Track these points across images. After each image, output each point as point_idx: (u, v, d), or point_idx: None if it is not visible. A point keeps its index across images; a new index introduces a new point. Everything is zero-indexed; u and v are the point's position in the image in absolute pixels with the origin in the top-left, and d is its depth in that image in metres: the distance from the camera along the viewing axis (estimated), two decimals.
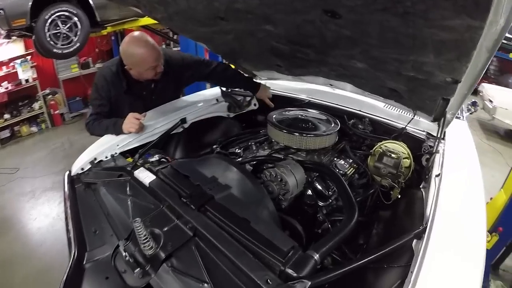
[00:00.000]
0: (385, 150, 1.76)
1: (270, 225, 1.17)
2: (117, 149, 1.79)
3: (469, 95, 1.35)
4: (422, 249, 1.02)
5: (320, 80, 2.12)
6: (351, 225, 1.19)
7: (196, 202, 1.21)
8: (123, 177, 1.51)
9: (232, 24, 1.47)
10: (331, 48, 1.41)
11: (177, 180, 1.37)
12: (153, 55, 1.85)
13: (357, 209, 1.29)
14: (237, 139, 2.21)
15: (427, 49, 1.02)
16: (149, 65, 1.86)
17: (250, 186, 1.33)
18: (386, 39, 1.07)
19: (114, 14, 4.68)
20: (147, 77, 1.96)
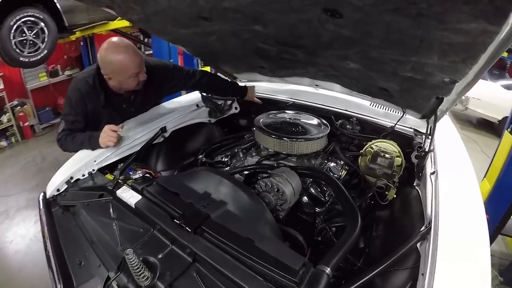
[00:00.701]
0: (378, 150, 1.74)
1: (276, 242, 1.09)
2: (94, 165, 1.63)
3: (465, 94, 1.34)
4: (431, 250, 0.99)
5: (306, 81, 2.07)
6: (356, 232, 1.15)
7: (191, 223, 1.09)
8: (104, 198, 1.36)
9: (216, 25, 1.36)
10: (323, 49, 1.35)
11: (166, 198, 1.24)
12: (135, 61, 1.69)
13: (359, 214, 1.25)
14: (221, 146, 2.12)
15: (433, 51, 0.99)
16: (131, 72, 1.70)
17: (247, 199, 1.24)
18: (390, 40, 1.03)
19: (82, 18, 4.45)
20: (129, 87, 1.79)
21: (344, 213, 1.40)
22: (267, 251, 0.97)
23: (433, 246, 1.00)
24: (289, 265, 0.92)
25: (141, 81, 1.78)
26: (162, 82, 2.01)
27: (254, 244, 1.00)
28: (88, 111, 1.80)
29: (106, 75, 1.73)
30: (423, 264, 1.01)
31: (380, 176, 1.67)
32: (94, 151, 1.66)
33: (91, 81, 1.77)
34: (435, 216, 1.13)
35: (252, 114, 2.58)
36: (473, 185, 1.39)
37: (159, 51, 4.27)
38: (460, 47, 0.91)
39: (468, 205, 1.24)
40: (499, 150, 2.69)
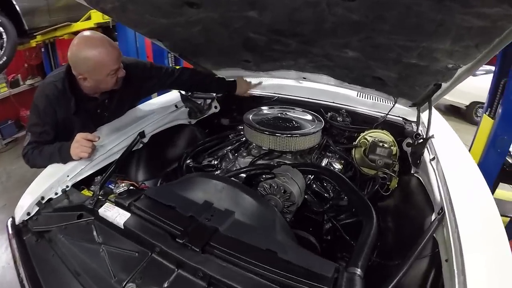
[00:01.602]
0: (376, 140, 1.70)
1: (300, 250, 0.99)
2: (68, 181, 1.41)
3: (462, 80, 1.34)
4: (451, 235, 0.97)
5: (292, 74, 1.99)
6: (374, 226, 1.11)
7: (197, 241, 0.95)
8: (84, 219, 1.17)
9: (204, 12, 1.23)
10: (323, 37, 1.27)
11: (162, 214, 1.09)
12: (113, 55, 1.50)
13: (372, 208, 1.21)
14: (206, 148, 1.99)
15: (448, 35, 0.97)
16: (110, 68, 1.50)
17: (256, 205, 1.12)
18: (404, 25, 0.98)
19: (44, 21, 4.14)
20: (107, 86, 1.59)
21: (356, 209, 1.34)
22: (293, 261, 0.88)
23: (452, 231, 0.98)
24: (322, 273, 0.85)
25: (119, 78, 1.59)
26: (140, 83, 1.82)
27: (277, 256, 0.89)
28: (57, 119, 1.57)
29: (80, 75, 1.51)
30: (444, 250, 0.98)
31: (381, 167, 1.63)
32: (66, 164, 1.45)
33: (60, 85, 1.55)
34: (447, 202, 1.11)
35: (233, 112, 2.49)
36: (475, 168, 1.41)
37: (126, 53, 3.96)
38: (477, 31, 0.90)
39: (475, 187, 1.24)
40: (478, 134, 2.80)
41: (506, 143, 2.66)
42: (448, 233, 1.00)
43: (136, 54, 3.87)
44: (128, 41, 3.92)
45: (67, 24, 4.37)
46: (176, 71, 1.95)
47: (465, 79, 1.32)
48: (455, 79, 1.30)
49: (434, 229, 1.06)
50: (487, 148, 2.70)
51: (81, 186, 1.44)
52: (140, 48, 3.99)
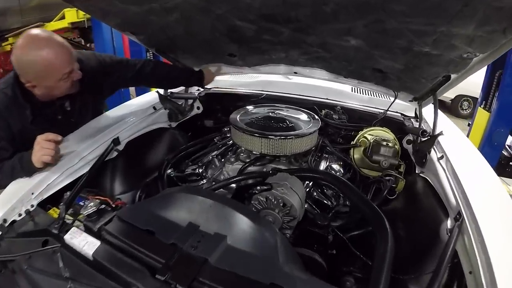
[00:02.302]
0: (379, 139, 1.56)
1: (311, 281, 0.82)
2: (32, 199, 1.21)
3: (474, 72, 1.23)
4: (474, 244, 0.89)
5: (282, 68, 1.81)
6: (390, 241, 0.97)
7: (182, 277, 0.76)
8: (50, 246, 0.98)
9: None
10: (322, 22, 1.10)
11: (137, 241, 0.89)
12: (63, 55, 1.29)
13: (385, 220, 1.07)
14: (189, 154, 1.79)
15: (474, 18, 0.85)
16: (61, 72, 1.30)
17: (253, 226, 0.93)
18: (424, 5, 0.84)
19: (16, 21, 3.97)
20: (61, 92, 1.38)
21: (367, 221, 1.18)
22: None
23: (475, 239, 0.89)
24: None
25: (75, 81, 1.39)
26: (101, 79, 1.60)
27: None
28: (13, 132, 1.35)
29: (28, 82, 1.30)
30: (467, 261, 0.90)
31: (386, 168, 1.49)
32: (30, 178, 1.25)
33: (11, 93, 1.34)
34: (465, 205, 1.01)
35: (217, 113, 2.30)
36: (486, 165, 1.34)
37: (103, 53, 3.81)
38: (508, 13, 0.79)
39: (492, 187, 1.16)
40: (474, 128, 2.73)
41: (503, 136, 2.61)
42: (470, 241, 0.91)
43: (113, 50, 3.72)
44: (105, 41, 3.77)
45: (40, 24, 4.17)
46: (139, 61, 1.72)
47: (477, 71, 1.20)
48: (467, 70, 1.18)
49: (456, 238, 0.94)
50: (483, 141, 2.65)
51: (48, 206, 1.23)
52: (118, 48, 3.85)
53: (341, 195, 1.45)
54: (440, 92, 1.44)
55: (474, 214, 0.94)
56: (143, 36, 1.56)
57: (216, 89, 2.29)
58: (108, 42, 3.79)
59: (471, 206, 0.97)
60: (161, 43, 1.62)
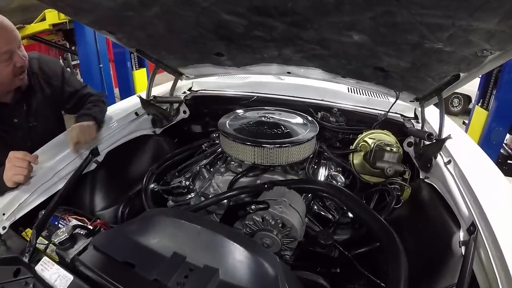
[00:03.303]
0: (382, 144, 1.45)
1: None
2: (4, 220, 1.11)
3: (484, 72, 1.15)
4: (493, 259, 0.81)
5: (274, 68, 1.68)
6: (403, 261, 0.90)
7: None
8: (22, 276, 0.88)
9: None
10: (322, 15, 0.97)
11: (115, 277, 0.76)
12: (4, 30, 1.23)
13: (396, 237, 0.98)
14: (174, 164, 1.65)
15: (500, 10, 0.74)
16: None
17: (249, 256, 0.79)
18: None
19: None
20: (4, 77, 1.29)
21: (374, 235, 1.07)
22: None
23: (493, 254, 0.83)
24: None
25: (18, 67, 1.29)
26: (59, 85, 1.54)
27: None
28: None
29: None
30: (483, 278, 0.83)
31: (391, 176, 1.38)
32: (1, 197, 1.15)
33: None
34: (479, 215, 0.94)
35: (205, 117, 2.18)
36: (497, 170, 1.27)
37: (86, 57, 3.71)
38: None
39: (505, 195, 1.09)
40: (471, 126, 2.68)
41: (501, 135, 2.56)
42: (487, 256, 0.84)
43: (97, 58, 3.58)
44: (88, 44, 3.65)
45: (21, 26, 4.04)
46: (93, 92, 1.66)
47: (488, 70, 1.11)
48: (479, 68, 1.08)
49: (473, 253, 0.86)
50: (482, 140, 2.62)
51: (20, 228, 1.13)
52: (102, 51, 3.71)
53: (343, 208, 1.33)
54: (446, 92, 1.34)
55: (490, 225, 0.87)
56: (122, 35, 1.41)
57: (204, 92, 2.15)
58: (91, 44, 3.65)
59: (486, 216, 0.90)
60: (141, 42, 1.47)
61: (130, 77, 3.60)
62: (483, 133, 2.58)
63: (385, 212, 1.27)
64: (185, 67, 1.81)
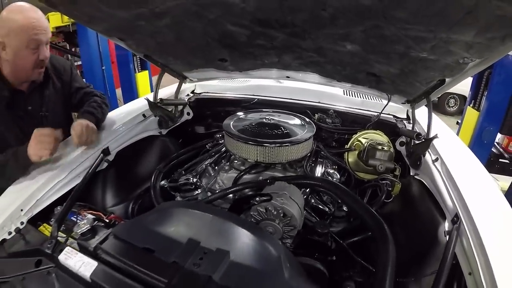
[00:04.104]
0: (374, 143, 1.57)
1: None
2: (22, 215, 1.17)
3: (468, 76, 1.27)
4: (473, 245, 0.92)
5: (274, 73, 1.80)
6: (391, 247, 0.99)
7: None
8: (43, 266, 0.96)
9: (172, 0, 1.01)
10: (319, 27, 1.10)
11: (136, 260, 0.86)
12: (39, 22, 1.40)
13: (386, 226, 1.08)
14: (180, 163, 1.76)
15: (475, 25, 0.86)
16: (31, 33, 1.37)
17: (256, 240, 0.91)
18: (426, 11, 0.85)
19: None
20: (24, 64, 1.43)
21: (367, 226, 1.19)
22: None
23: (473, 240, 0.93)
24: None
25: (40, 60, 1.44)
26: (68, 80, 1.70)
27: None
28: None
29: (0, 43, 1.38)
30: (465, 262, 0.93)
31: (382, 172, 1.50)
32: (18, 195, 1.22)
33: None
34: (462, 207, 1.05)
35: (208, 118, 2.29)
36: (481, 167, 1.38)
37: (88, 59, 3.78)
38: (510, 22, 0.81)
39: (487, 189, 1.20)
40: (463, 127, 2.80)
41: (492, 134, 2.69)
42: (468, 243, 0.94)
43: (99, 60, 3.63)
44: (91, 46, 3.72)
45: None
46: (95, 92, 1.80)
47: (471, 75, 1.24)
48: (462, 74, 1.20)
49: (455, 241, 0.97)
50: (473, 140, 2.73)
51: (38, 222, 1.21)
52: (104, 53, 3.77)
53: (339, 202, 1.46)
54: (434, 94, 1.46)
55: (472, 216, 0.97)
56: (132, 42, 1.52)
57: (206, 94, 2.26)
58: (93, 47, 3.73)
59: (468, 208, 1.00)
60: (150, 49, 1.58)
61: (133, 80, 3.70)
62: (474, 133, 2.69)
63: (376, 204, 1.39)
64: (189, 71, 1.92)
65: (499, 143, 3.01)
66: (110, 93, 3.90)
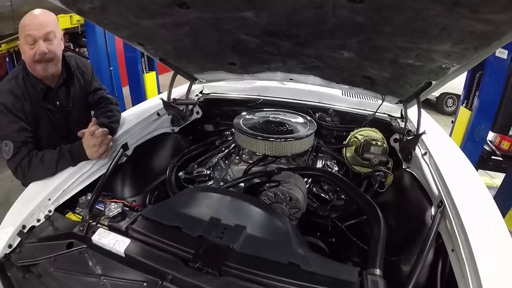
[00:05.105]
0: (369, 139, 1.76)
1: (320, 259, 1.00)
2: (50, 204, 1.31)
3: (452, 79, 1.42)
4: (454, 226, 1.05)
5: (278, 75, 1.99)
6: (383, 226, 1.15)
7: (213, 263, 0.92)
8: (75, 248, 1.09)
9: (194, 12, 1.18)
10: (319, 38, 1.28)
11: (166, 236, 1.04)
12: (37, 20, 1.57)
13: (377, 208, 1.25)
14: (193, 157, 1.94)
15: (450, 38, 1.02)
16: (25, 30, 1.55)
17: (267, 216, 1.10)
18: (408, 28, 1.02)
19: (8, 27, 3.95)
20: (28, 59, 1.60)
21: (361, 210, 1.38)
22: (317, 271, 0.89)
23: (455, 222, 1.06)
24: (347, 280, 0.89)
25: (38, 55, 1.57)
26: (90, 77, 1.91)
27: (300, 268, 0.90)
28: (26, 113, 1.58)
29: None
30: (449, 241, 1.06)
31: (376, 165, 1.69)
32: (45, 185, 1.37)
33: (20, 78, 1.63)
34: (446, 194, 1.19)
35: (216, 117, 2.47)
36: (465, 159, 1.54)
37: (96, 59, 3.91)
38: (478, 35, 0.96)
39: (469, 178, 1.35)
40: (456, 125, 2.99)
41: (484, 132, 2.86)
42: (451, 224, 1.08)
43: (107, 60, 3.76)
44: (99, 47, 3.85)
45: None
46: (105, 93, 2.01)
47: (454, 78, 1.39)
48: (446, 77, 1.37)
49: (438, 222, 1.12)
50: (466, 138, 2.90)
51: (66, 210, 1.35)
52: (111, 54, 3.89)
53: (338, 190, 1.64)
54: (423, 95, 1.64)
55: (454, 202, 1.11)
56: (151, 47, 1.70)
57: (215, 95, 2.45)
58: (101, 47, 3.87)
59: (451, 194, 1.15)
60: (167, 53, 1.77)
61: (141, 80, 3.87)
62: (467, 131, 2.88)
63: (370, 192, 1.57)
64: (200, 73, 2.11)
65: (492, 141, 3.16)
66: (117, 92, 4.08)
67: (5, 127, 1.49)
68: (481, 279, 0.83)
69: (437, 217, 1.14)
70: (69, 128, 1.78)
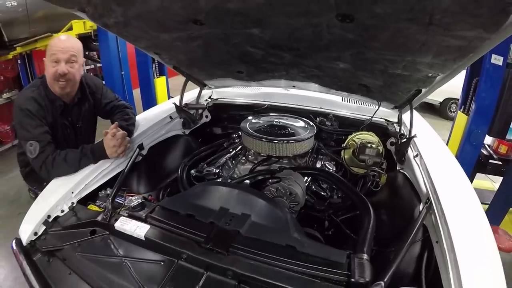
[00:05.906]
0: (365, 142, 1.91)
1: (314, 243, 1.15)
2: (73, 197, 1.47)
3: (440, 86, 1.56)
4: (439, 220, 1.16)
5: (282, 83, 2.16)
6: (372, 218, 1.29)
7: (222, 244, 1.09)
8: (98, 234, 1.25)
9: (207, 28, 1.36)
10: (317, 51, 1.45)
11: (181, 223, 1.21)
12: (64, 43, 1.78)
13: (368, 202, 1.40)
14: (203, 157, 2.12)
15: (430, 52, 1.17)
16: (52, 50, 1.76)
17: (269, 207, 1.27)
18: (393, 43, 1.17)
19: (23, 32, 4.11)
20: (49, 74, 1.80)
21: (354, 205, 1.53)
22: (311, 253, 1.04)
23: (440, 216, 1.17)
24: (337, 261, 1.02)
25: (58, 74, 1.76)
26: (100, 95, 2.11)
27: (296, 250, 1.06)
28: (47, 123, 1.78)
29: None
30: (434, 234, 1.17)
31: (371, 166, 1.84)
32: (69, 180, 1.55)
33: (42, 89, 1.82)
34: (433, 192, 1.32)
35: (224, 121, 2.64)
36: (454, 161, 1.67)
37: (108, 63, 4.11)
38: (454, 49, 1.10)
39: (456, 178, 1.47)
40: (454, 130, 3.11)
41: (480, 137, 2.98)
42: (436, 218, 1.20)
43: (118, 64, 3.92)
44: (111, 51, 4.01)
45: (48, 35, 4.32)
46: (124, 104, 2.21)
47: (442, 85, 1.53)
48: (434, 85, 1.52)
49: (424, 216, 1.26)
50: (463, 142, 3.02)
51: (88, 202, 1.52)
52: (123, 58, 4.06)
53: (334, 188, 1.80)
54: (415, 102, 1.79)
55: (439, 198, 1.23)
56: (166, 56, 1.89)
57: (223, 100, 2.62)
58: (113, 51, 4.04)
59: (437, 192, 1.27)
60: (180, 62, 1.96)
61: (152, 84, 4.06)
62: (464, 135, 2.99)
63: (364, 189, 1.73)
64: (210, 80, 2.30)
65: (490, 145, 3.26)
66: (128, 95, 4.26)
67: (32, 129, 1.68)
68: (459, 268, 0.92)
69: (423, 211, 1.28)
70: (77, 143, 1.93)
